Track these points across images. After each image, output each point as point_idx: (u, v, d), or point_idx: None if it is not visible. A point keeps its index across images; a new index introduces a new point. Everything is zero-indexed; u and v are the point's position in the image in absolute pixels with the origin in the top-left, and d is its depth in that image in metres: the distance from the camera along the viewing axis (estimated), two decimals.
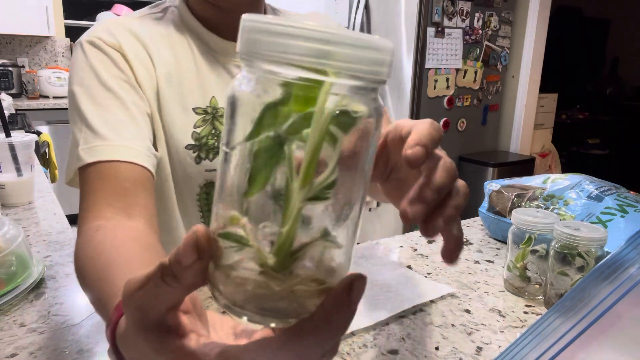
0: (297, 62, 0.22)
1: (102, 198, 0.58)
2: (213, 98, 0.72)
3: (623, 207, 0.78)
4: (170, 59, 0.70)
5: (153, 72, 0.69)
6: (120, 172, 0.60)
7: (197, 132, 0.71)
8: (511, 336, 0.61)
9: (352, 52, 0.22)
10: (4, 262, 0.70)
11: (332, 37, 0.22)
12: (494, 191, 0.94)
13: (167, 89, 0.69)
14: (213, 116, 0.72)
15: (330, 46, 0.22)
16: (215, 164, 0.71)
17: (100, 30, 0.68)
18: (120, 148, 0.61)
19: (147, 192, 0.61)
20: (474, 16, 2.94)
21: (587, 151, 4.62)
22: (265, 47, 0.22)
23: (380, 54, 0.23)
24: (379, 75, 0.24)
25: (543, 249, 0.68)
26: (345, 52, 0.22)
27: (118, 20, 0.71)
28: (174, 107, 0.69)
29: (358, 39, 0.22)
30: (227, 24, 0.73)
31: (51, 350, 0.57)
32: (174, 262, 0.24)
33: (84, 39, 0.67)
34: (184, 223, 0.75)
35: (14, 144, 1.14)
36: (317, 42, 0.22)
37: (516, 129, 3.29)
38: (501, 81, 3.24)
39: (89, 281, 0.48)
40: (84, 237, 0.55)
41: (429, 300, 0.69)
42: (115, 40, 0.67)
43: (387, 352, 0.57)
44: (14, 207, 1.14)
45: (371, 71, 0.23)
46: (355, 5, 2.92)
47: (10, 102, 2.92)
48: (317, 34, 0.22)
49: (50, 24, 3.61)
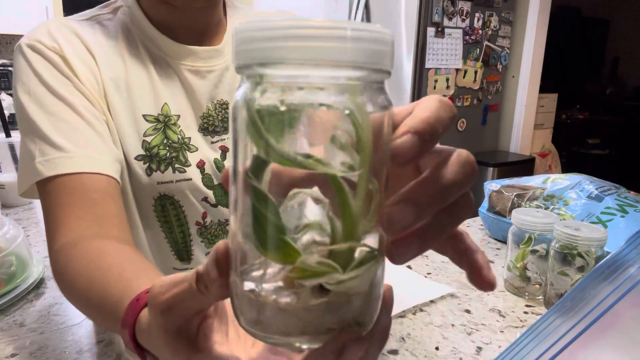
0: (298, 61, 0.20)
1: (70, 213, 0.55)
2: (165, 105, 0.68)
3: (623, 207, 0.78)
4: (118, 63, 0.66)
5: (99, 76, 0.64)
6: (86, 185, 0.57)
7: (147, 142, 0.66)
8: (511, 336, 0.61)
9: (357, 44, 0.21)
10: (4, 262, 0.70)
11: (345, 33, 0.20)
12: (494, 191, 0.94)
13: (116, 94, 0.65)
14: (165, 124, 0.67)
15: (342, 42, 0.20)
16: (168, 176, 0.67)
17: (40, 33, 0.63)
18: (81, 159, 0.58)
19: (115, 202, 0.59)
20: (474, 16, 2.94)
21: (587, 151, 4.62)
22: (261, 54, 0.21)
23: (382, 44, 0.22)
24: (382, 65, 0.22)
25: (543, 249, 0.68)
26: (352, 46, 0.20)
27: (62, 21, 0.67)
28: (123, 114, 0.65)
29: (358, 29, 0.21)
30: (181, 26, 0.69)
31: (51, 350, 0.57)
32: (205, 272, 0.24)
33: (23, 43, 0.63)
34: (147, 235, 0.72)
35: (14, 144, 1.14)
36: (324, 39, 0.20)
37: (516, 129, 3.30)
38: (501, 81, 3.24)
39: (82, 289, 0.47)
40: (62, 253, 0.53)
41: (429, 300, 0.69)
42: (55, 44, 0.62)
43: (387, 352, 0.57)
44: (14, 207, 1.14)
45: (374, 62, 0.21)
46: (355, 5, 2.93)
47: (10, 102, 2.92)
48: (324, 31, 0.20)
49: None
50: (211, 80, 0.71)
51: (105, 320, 0.44)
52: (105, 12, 0.70)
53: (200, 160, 0.70)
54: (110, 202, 0.58)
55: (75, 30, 0.65)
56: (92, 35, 0.66)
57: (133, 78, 0.67)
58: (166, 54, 0.69)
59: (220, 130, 0.73)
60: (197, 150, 0.70)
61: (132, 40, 0.68)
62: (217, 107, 0.72)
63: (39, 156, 0.57)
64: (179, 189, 0.70)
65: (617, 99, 5.13)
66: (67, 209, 0.55)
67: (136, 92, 0.67)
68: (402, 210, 0.22)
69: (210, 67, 0.71)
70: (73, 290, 0.49)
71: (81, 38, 0.65)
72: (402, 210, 0.22)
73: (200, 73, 0.70)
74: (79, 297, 0.49)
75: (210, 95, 0.71)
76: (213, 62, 0.71)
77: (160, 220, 0.72)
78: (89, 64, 0.64)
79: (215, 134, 0.72)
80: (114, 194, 0.59)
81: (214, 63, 0.71)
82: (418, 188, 0.22)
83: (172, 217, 0.72)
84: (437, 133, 0.23)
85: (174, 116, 0.69)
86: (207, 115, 0.71)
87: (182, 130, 0.69)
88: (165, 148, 0.68)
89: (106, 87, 0.65)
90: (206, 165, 0.71)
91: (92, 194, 0.57)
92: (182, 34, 0.69)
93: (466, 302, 0.69)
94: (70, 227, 0.54)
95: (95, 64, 0.65)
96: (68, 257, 0.51)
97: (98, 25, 0.68)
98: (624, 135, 4.76)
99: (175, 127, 0.69)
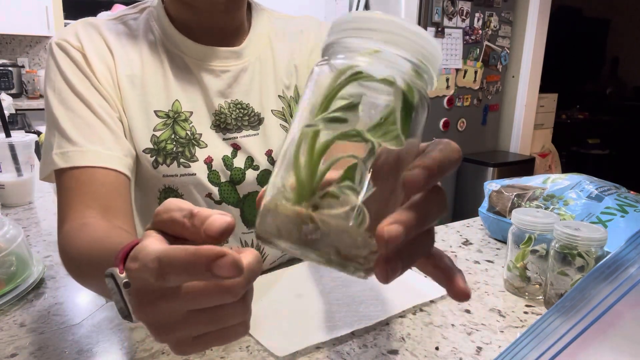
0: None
1: (79, 201, 0.60)
2: (176, 102, 0.71)
3: (623, 207, 0.78)
4: (135, 60, 0.70)
5: (114, 71, 0.68)
6: (95, 178, 0.61)
7: (156, 136, 0.69)
8: (511, 336, 0.61)
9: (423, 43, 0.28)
10: (4, 262, 0.70)
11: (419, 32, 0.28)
12: (494, 191, 0.94)
13: (130, 90, 0.68)
14: (174, 120, 0.70)
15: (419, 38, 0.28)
16: (173, 169, 0.70)
17: (68, 32, 0.68)
18: (91, 154, 0.62)
19: (122, 195, 0.63)
20: (474, 16, 2.94)
21: (587, 151, 4.62)
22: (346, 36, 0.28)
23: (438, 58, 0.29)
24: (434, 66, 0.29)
25: (543, 249, 0.68)
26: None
27: (90, 20, 0.71)
28: (136, 109, 0.69)
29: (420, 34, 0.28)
30: (201, 27, 0.71)
31: (51, 350, 0.57)
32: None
33: (53, 41, 0.68)
34: (143, 224, 0.75)
35: (14, 144, 1.14)
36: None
37: (516, 129, 3.30)
38: (501, 81, 3.24)
39: (84, 253, 0.50)
40: (69, 233, 0.56)
41: (429, 300, 0.69)
42: (79, 43, 0.67)
43: (387, 352, 0.57)
44: (14, 207, 1.14)
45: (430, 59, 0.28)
46: (355, 5, 2.93)
47: (10, 102, 2.92)
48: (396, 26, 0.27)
49: (50, 24, 3.61)
50: (225, 79, 0.73)
51: (92, 276, 0.46)
52: (132, 12, 0.74)
53: (209, 156, 0.72)
54: (116, 196, 0.62)
55: (99, 30, 0.70)
56: (115, 34, 0.70)
57: (148, 75, 0.70)
58: (184, 53, 0.72)
59: (233, 128, 0.74)
60: (207, 147, 0.72)
61: (152, 40, 0.71)
62: (230, 106, 0.73)
63: (56, 148, 0.63)
64: (183, 184, 0.72)
65: (617, 99, 5.13)
66: (78, 197, 0.60)
67: (150, 89, 0.70)
68: (392, 229, 0.25)
69: (226, 67, 0.73)
70: (76, 259, 0.53)
71: (104, 37, 0.69)
72: (393, 228, 0.25)
73: (214, 72, 0.72)
74: (80, 264, 0.52)
75: (223, 94, 0.73)
76: (229, 62, 0.73)
77: None
78: (107, 61, 0.68)
79: (228, 131, 0.74)
80: (121, 189, 0.64)
81: (231, 64, 0.73)
82: (408, 212, 0.27)
83: None
84: (444, 173, 0.27)
85: (185, 112, 0.71)
86: (220, 112, 0.73)
87: (194, 126, 0.72)
88: (172, 143, 0.70)
89: (121, 83, 0.69)
90: (214, 162, 0.72)
91: (101, 187, 0.62)
92: (201, 35, 0.72)
93: (466, 302, 0.69)
94: (79, 213, 0.59)
95: (113, 61, 0.69)
96: (74, 235, 0.55)
97: (122, 25, 0.72)
98: (624, 135, 4.76)
99: (185, 123, 0.71)
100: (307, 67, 0.80)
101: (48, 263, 0.82)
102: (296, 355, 0.56)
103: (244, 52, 0.74)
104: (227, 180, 0.74)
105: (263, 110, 0.75)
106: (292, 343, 0.57)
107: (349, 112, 0.27)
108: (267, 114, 0.76)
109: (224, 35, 0.73)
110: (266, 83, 0.76)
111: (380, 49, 0.27)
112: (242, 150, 0.74)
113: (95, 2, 3.90)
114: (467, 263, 0.83)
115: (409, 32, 0.27)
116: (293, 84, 0.79)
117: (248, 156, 0.74)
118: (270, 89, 0.76)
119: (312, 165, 0.27)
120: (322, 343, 0.58)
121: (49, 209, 1.13)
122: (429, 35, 0.28)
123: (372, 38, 0.27)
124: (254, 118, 0.75)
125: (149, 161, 0.69)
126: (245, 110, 0.74)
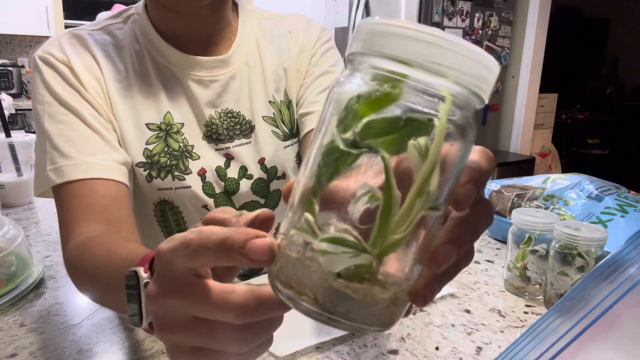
0: (411, 62, 0.22)
1: (81, 216, 0.58)
2: (168, 114, 0.69)
3: (623, 207, 0.78)
4: (123, 72, 0.68)
5: (104, 83, 0.67)
6: (95, 191, 0.60)
7: (149, 149, 0.68)
8: (511, 336, 0.61)
9: (469, 62, 0.22)
10: (4, 262, 0.70)
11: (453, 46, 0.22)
12: (494, 191, 0.94)
13: (120, 103, 0.67)
14: (166, 133, 0.69)
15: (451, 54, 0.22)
16: (167, 183, 0.69)
17: (52, 45, 0.66)
18: (86, 166, 0.61)
19: (124, 206, 0.61)
20: (474, 16, 2.94)
21: (587, 151, 4.62)
22: (382, 46, 0.23)
23: (490, 72, 0.24)
24: (482, 92, 0.24)
25: (543, 249, 0.68)
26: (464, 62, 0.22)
27: (74, 32, 0.69)
28: (127, 122, 0.67)
29: (474, 52, 0.23)
30: (186, 34, 0.70)
31: (51, 350, 0.57)
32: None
33: (37, 55, 0.66)
34: (149, 239, 0.74)
35: (14, 144, 1.14)
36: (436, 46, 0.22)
37: (516, 129, 3.30)
38: (501, 81, 3.24)
39: (90, 265, 0.50)
40: (75, 248, 0.55)
41: None
42: (64, 56, 0.65)
43: (387, 352, 0.57)
44: (14, 207, 1.14)
45: (478, 86, 0.23)
46: (355, 5, 2.93)
47: (10, 102, 2.92)
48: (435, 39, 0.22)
49: (50, 24, 3.61)
50: (214, 89, 0.72)
51: (111, 286, 0.45)
52: (116, 22, 0.72)
53: (202, 168, 0.71)
54: (119, 207, 0.61)
55: (85, 42, 0.68)
56: (101, 46, 0.68)
57: (137, 87, 0.68)
58: (171, 64, 0.70)
59: (225, 138, 0.73)
60: (199, 159, 0.71)
61: (138, 50, 0.70)
62: (221, 116, 0.72)
63: (49, 164, 0.61)
64: (178, 196, 0.71)
65: (617, 99, 5.13)
66: (79, 212, 0.59)
67: (140, 101, 0.68)
68: (447, 249, 0.24)
69: (214, 76, 0.72)
70: (90, 274, 0.52)
71: (89, 49, 0.68)
72: (448, 249, 0.24)
73: (203, 82, 0.71)
74: (83, 277, 0.52)
75: (213, 104, 0.72)
76: (217, 71, 0.72)
77: (161, 224, 0.73)
78: (95, 74, 0.67)
79: (220, 142, 0.73)
80: (122, 199, 0.62)
81: (218, 73, 0.72)
82: (459, 229, 0.25)
83: (172, 222, 0.73)
84: (485, 184, 0.27)
85: (177, 124, 0.70)
86: (211, 123, 0.72)
87: (186, 138, 0.70)
88: (165, 156, 0.69)
89: (111, 96, 0.67)
90: (207, 173, 0.72)
91: (101, 200, 0.60)
92: (187, 43, 0.70)
93: (466, 302, 0.69)
94: (82, 228, 0.57)
95: (102, 73, 0.67)
96: (81, 249, 0.54)
97: (108, 36, 0.70)
98: (624, 135, 4.76)
99: (178, 135, 0.70)
100: (296, 69, 0.78)
101: (48, 263, 0.82)
102: (296, 355, 0.56)
103: (232, 60, 0.73)
104: (222, 191, 0.73)
105: (254, 117, 0.74)
106: (292, 343, 0.57)
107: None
108: (258, 121, 0.75)
109: (209, 42, 0.72)
110: (255, 89, 0.75)
111: (454, 92, 0.23)
112: (235, 160, 0.73)
113: (95, 2, 3.91)
114: None
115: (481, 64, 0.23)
116: (282, 87, 0.77)
117: (241, 166, 0.74)
118: (260, 95, 0.75)
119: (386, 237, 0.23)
120: (322, 343, 0.58)
121: (49, 209, 1.13)
122: (491, 58, 0.24)
123: (446, 76, 0.22)
124: (245, 126, 0.74)
125: (142, 175, 0.68)
126: (236, 119, 0.73)
